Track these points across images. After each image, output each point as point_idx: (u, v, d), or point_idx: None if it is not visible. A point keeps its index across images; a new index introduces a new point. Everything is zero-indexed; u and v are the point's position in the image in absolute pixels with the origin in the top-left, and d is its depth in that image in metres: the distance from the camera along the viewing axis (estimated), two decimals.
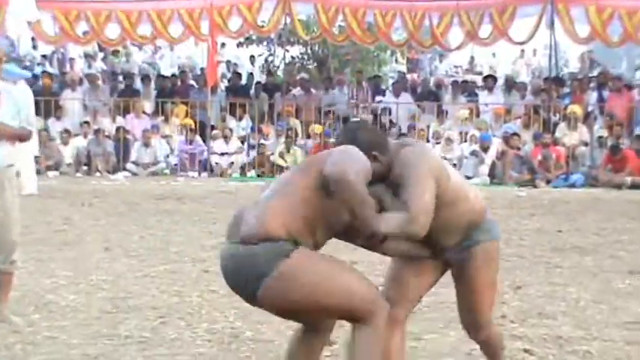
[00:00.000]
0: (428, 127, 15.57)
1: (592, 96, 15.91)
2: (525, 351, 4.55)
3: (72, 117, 16.12)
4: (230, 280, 3.22)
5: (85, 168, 15.01)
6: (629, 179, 13.58)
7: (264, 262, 3.08)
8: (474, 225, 3.45)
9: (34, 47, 20.35)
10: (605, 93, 15.79)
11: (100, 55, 21.07)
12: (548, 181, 13.89)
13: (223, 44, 20.27)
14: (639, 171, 13.79)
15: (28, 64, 19.63)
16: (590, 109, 15.58)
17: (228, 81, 18.36)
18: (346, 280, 3.19)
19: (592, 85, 16.48)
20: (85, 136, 15.34)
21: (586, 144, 14.66)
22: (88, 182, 13.67)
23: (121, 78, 18.25)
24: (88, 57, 20.73)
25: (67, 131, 15.38)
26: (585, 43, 17.25)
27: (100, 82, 17.07)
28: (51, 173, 14.56)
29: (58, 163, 14.97)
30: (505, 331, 4.90)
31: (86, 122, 15.63)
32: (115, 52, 20.39)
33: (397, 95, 16.42)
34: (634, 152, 13.99)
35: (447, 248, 3.46)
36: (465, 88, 16.82)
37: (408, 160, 3.26)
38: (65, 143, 15.20)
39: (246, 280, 3.12)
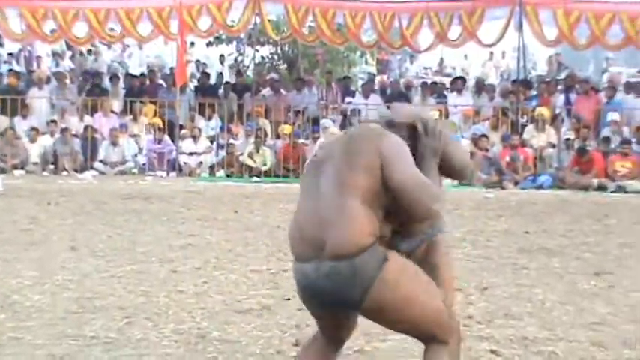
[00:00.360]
0: None
1: (559, 98, 16.05)
2: (492, 352, 4.58)
3: (39, 116, 15.96)
4: (329, 297, 3.11)
5: (52, 167, 14.87)
6: (595, 181, 13.73)
7: (370, 270, 3.03)
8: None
9: (0, 45, 20.15)
10: (573, 96, 15.96)
11: (68, 53, 20.89)
12: (515, 183, 13.99)
13: (192, 43, 20.18)
14: (605, 173, 13.95)
15: None
16: (557, 111, 15.72)
17: (198, 80, 18.29)
18: (436, 293, 3.20)
19: (559, 87, 16.64)
20: (53, 135, 15.20)
21: (553, 146, 14.79)
22: (54, 181, 13.55)
23: (89, 77, 18.07)
24: (56, 55, 20.55)
25: (34, 129, 15.23)
26: (553, 45, 17.41)
27: (67, 80, 16.94)
28: (17, 172, 14.43)
29: (24, 162, 14.82)
30: (471, 332, 4.93)
31: (53, 121, 15.48)
32: (89, 52, 20.25)
33: (367, 96, 16.45)
34: (600, 154, 14.15)
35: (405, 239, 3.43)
36: (434, 90, 16.90)
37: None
38: (33, 141, 15.05)
39: (351, 293, 3.06)
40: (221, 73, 19.39)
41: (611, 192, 13.41)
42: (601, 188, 13.63)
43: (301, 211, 3.21)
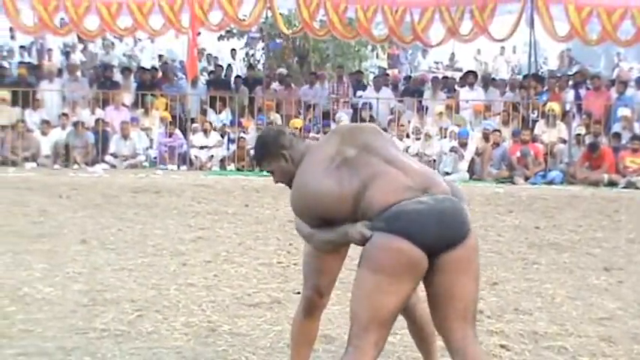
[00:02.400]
0: (409, 122, 15.59)
1: (570, 94, 16.00)
2: (501, 346, 4.59)
3: (50, 108, 16.01)
4: (449, 217, 3.13)
5: (62, 159, 14.90)
6: (605, 177, 13.69)
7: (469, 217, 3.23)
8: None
9: (12, 37, 20.21)
10: (583, 91, 15.91)
11: (80, 46, 20.92)
12: (526, 178, 13.97)
13: (199, 33, 20.15)
14: (615, 169, 13.91)
15: (5, 54, 19.54)
16: (568, 107, 15.68)
17: (209, 74, 18.31)
18: None
19: (570, 83, 16.58)
20: (64, 128, 15.23)
21: (564, 141, 14.75)
22: (65, 174, 13.58)
23: (100, 70, 18.11)
24: (67, 48, 20.59)
25: (45, 122, 15.28)
26: (564, 41, 17.32)
27: (79, 73, 16.98)
28: (28, 165, 14.48)
29: (35, 155, 14.88)
30: (481, 326, 4.93)
31: (65, 114, 15.52)
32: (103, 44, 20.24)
33: (378, 90, 16.44)
34: (611, 150, 14.11)
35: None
36: (445, 85, 16.88)
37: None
38: (44, 134, 15.10)
39: (465, 219, 3.17)
40: (232, 66, 19.39)
41: (622, 188, 13.37)
42: (611, 184, 13.59)
43: (387, 173, 3.19)
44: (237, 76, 17.69)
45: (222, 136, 15.48)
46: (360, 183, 3.17)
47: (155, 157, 15.13)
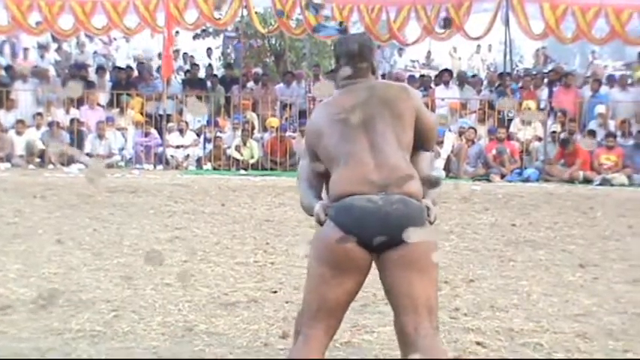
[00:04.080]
0: None
1: (545, 92, 16.09)
2: (477, 343, 4.60)
3: (24, 108, 15.87)
4: (394, 220, 3.16)
5: (37, 160, 14.79)
6: (581, 174, 13.79)
7: (425, 219, 3.28)
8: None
9: None
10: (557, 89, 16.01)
11: (54, 45, 20.76)
12: (502, 176, 14.03)
13: (177, 32, 20.07)
14: (590, 166, 14.01)
15: None
16: (543, 105, 15.76)
17: (185, 73, 18.24)
18: None
19: (545, 81, 16.67)
20: (38, 128, 15.12)
21: (540, 139, 14.83)
22: (40, 174, 13.48)
23: (75, 69, 17.97)
24: (42, 48, 20.41)
25: (20, 122, 15.14)
26: (539, 39, 17.44)
27: (51, 74, 16.85)
28: (2, 165, 14.35)
29: (9, 155, 14.75)
30: (458, 323, 4.96)
31: (39, 114, 15.40)
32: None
33: None
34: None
35: None
36: (422, 83, 16.90)
37: None
38: (19, 134, 14.96)
39: (406, 227, 3.17)
40: (209, 66, 19.33)
41: (597, 185, 13.48)
42: (587, 181, 13.70)
43: (361, 160, 3.26)
44: (214, 75, 17.63)
45: (199, 136, 15.43)
46: (337, 153, 3.31)
47: (131, 157, 15.05)
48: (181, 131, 15.22)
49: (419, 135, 3.45)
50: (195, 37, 20.41)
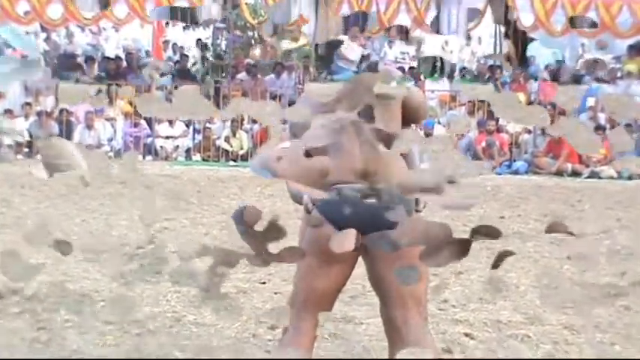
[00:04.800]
0: None
1: (534, 85, 16.11)
2: (466, 335, 4.61)
3: (12, 98, 15.78)
4: (375, 210, 3.16)
5: (26, 150, 14.72)
6: (569, 166, 13.82)
7: (409, 210, 3.25)
8: None
9: None
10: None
11: (43, 35, 20.63)
12: (492, 168, 14.05)
13: (167, 23, 19.99)
14: (579, 159, 14.04)
15: None
16: (532, 97, 15.79)
17: (174, 64, 18.17)
18: None
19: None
20: (27, 118, 15.05)
21: (529, 132, 14.85)
22: (28, 164, 13.41)
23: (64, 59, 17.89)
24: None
25: (8, 111, 15.06)
26: (529, 31, 17.44)
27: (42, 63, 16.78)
28: None
29: None
30: (446, 315, 4.97)
31: (28, 103, 15.32)
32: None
33: None
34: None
35: None
36: (412, 75, 16.90)
37: None
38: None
39: (386, 220, 3.09)
40: (202, 58, 19.26)
41: (585, 177, 13.52)
42: (575, 174, 13.73)
43: (348, 150, 3.25)
44: (203, 66, 17.58)
45: (188, 126, 15.39)
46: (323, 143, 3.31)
47: (120, 148, 15.00)
48: (171, 122, 15.17)
49: (407, 114, 3.47)
50: (185, 28, 20.30)
